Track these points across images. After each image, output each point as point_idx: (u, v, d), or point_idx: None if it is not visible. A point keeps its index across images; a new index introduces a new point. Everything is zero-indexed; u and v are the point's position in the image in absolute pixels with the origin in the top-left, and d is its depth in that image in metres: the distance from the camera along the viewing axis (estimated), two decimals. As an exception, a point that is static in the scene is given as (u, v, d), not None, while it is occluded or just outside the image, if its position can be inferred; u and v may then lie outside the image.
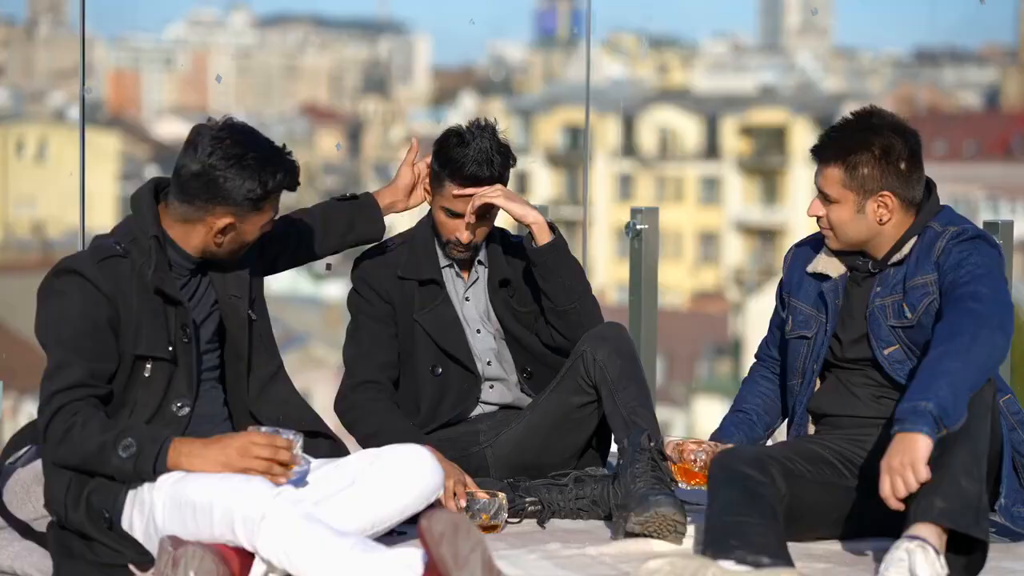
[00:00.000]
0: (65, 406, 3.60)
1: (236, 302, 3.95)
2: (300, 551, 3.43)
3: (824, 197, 4.04)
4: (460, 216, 4.45)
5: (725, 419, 4.36)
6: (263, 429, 3.62)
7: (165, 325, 3.77)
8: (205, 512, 3.50)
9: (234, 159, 3.71)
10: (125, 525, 3.64)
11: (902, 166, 3.98)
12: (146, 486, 3.62)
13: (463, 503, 4.12)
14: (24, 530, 3.86)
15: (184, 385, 3.80)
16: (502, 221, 4.65)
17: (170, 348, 3.76)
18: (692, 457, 4.17)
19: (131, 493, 3.64)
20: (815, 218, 4.09)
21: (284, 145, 3.84)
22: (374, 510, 3.68)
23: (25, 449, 3.99)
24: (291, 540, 3.43)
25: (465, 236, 4.48)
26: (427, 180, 4.54)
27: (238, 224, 3.78)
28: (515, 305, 4.57)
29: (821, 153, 4.04)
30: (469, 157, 4.40)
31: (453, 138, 4.46)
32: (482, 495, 4.14)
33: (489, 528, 4.12)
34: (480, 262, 4.60)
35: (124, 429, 3.60)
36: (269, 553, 3.45)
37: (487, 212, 4.48)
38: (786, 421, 4.29)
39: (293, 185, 3.82)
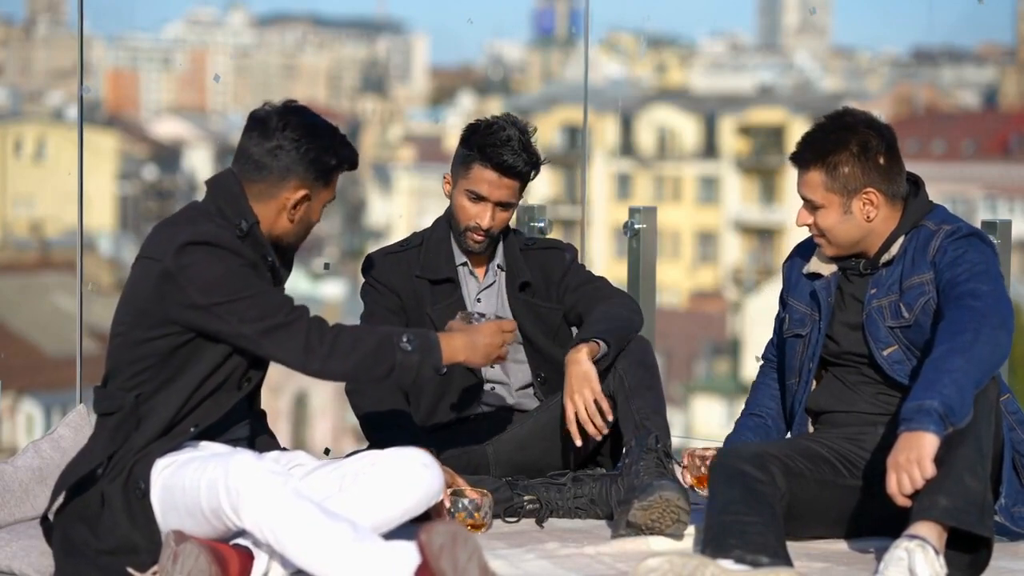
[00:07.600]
0: (311, 318, 3.65)
1: None
2: (287, 528, 3.41)
3: (810, 204, 4.04)
4: (485, 200, 4.45)
5: (739, 422, 4.33)
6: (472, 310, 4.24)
7: None
8: (193, 490, 3.50)
9: (308, 130, 3.78)
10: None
11: (881, 161, 3.98)
12: (155, 468, 3.59)
13: (447, 503, 4.09)
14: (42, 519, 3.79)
15: (259, 366, 3.78)
16: (513, 221, 4.66)
17: None
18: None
19: (156, 467, 3.62)
20: (806, 227, 4.09)
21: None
22: (375, 514, 3.65)
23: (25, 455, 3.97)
24: (277, 515, 3.42)
25: (486, 221, 4.47)
26: (448, 173, 4.53)
27: (311, 197, 3.81)
28: (539, 304, 4.56)
29: (800, 159, 4.04)
30: (502, 141, 4.42)
31: (485, 125, 4.48)
32: (473, 494, 4.13)
33: (474, 527, 4.09)
34: (500, 267, 4.60)
35: (392, 329, 3.74)
36: (253, 526, 3.43)
37: (509, 203, 4.49)
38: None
39: (355, 162, 3.91)
